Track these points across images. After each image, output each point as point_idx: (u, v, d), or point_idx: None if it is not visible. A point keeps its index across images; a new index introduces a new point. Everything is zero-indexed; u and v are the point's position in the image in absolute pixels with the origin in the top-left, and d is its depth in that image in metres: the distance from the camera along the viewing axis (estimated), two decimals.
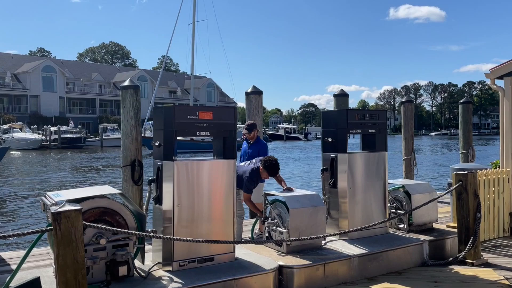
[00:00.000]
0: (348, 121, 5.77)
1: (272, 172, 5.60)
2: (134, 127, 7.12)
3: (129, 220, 4.31)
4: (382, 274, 5.31)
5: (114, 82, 75.37)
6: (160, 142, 4.61)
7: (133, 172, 7.10)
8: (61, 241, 3.16)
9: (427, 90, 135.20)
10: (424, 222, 6.30)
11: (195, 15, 31.52)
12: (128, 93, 7.17)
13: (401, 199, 6.36)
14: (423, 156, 36.94)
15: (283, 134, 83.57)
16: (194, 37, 31.22)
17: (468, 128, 11.56)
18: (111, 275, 4.07)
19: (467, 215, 5.63)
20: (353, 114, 5.89)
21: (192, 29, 31.80)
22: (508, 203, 7.08)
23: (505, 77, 7.17)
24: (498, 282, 4.98)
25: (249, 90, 8.28)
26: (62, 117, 63.31)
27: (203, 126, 4.70)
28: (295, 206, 5.22)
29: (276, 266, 4.75)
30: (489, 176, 6.78)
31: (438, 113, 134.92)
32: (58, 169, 27.41)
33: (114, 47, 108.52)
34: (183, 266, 4.54)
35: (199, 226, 4.68)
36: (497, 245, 6.59)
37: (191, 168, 4.66)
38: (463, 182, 5.67)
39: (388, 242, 5.69)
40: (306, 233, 5.15)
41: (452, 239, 6.03)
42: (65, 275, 3.17)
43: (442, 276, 5.24)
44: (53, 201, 3.93)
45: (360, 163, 5.89)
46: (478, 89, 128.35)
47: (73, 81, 70.77)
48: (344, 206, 5.78)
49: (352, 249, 5.36)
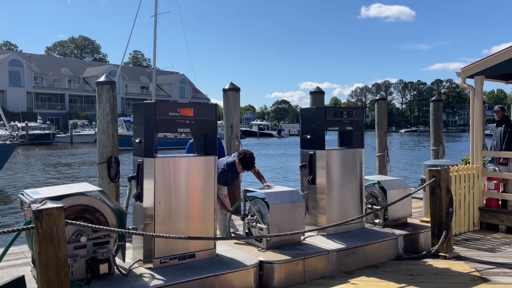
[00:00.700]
0: (327, 118, 5.86)
1: (246, 166, 5.69)
2: (111, 124, 7.03)
3: (109, 217, 4.26)
4: (359, 268, 5.44)
5: (84, 77, 73.84)
6: (140, 139, 4.57)
7: (109, 169, 7.01)
8: (42, 239, 3.11)
9: (397, 88, 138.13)
10: (399, 217, 6.47)
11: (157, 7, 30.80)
12: (104, 89, 7.06)
13: (376, 194, 6.51)
14: (395, 153, 37.75)
15: (256, 130, 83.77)
16: (156, 31, 30.55)
17: (438, 126, 11.88)
18: (92, 273, 4.02)
19: (440, 210, 5.82)
20: (331, 112, 5.98)
21: (154, 21, 31.08)
22: (477, 198, 7.35)
23: (475, 76, 7.42)
24: (469, 274, 5.18)
25: (227, 87, 8.27)
26: (30, 112, 61.62)
27: (184, 123, 4.68)
28: (275, 202, 5.27)
29: (257, 262, 4.79)
30: (460, 172, 7.02)
31: (408, 111, 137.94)
32: (28, 166, 26.67)
33: (83, 41, 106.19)
34: (164, 263, 4.53)
35: (181, 222, 4.67)
36: (467, 238, 6.84)
37: (172, 165, 4.64)
38: (436, 178, 5.86)
39: (365, 237, 5.82)
40: (286, 229, 5.21)
41: (425, 233, 6.22)
42: (47, 273, 3.13)
43: (417, 269, 5.40)
44: (32, 199, 3.85)
45: (338, 160, 5.99)
46: (446, 87, 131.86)
47: (41, 75, 68.93)
48: (323, 202, 5.87)
49: (330, 244, 5.46)
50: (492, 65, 7.15)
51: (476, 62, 7.36)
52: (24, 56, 68.43)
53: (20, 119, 54.51)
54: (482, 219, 7.39)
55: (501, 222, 7.20)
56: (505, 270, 5.30)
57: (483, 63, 7.24)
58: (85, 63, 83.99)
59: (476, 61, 7.38)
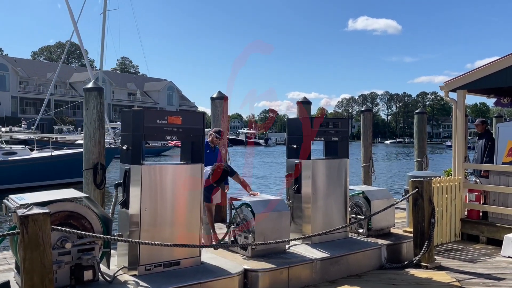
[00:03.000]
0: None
1: (216, 179, 5.61)
2: (98, 130, 7.02)
3: (95, 224, 4.27)
4: (343, 277, 5.50)
5: (71, 82, 73.18)
6: (128, 146, 4.60)
7: (95, 176, 6.99)
8: (28, 245, 3.11)
9: (383, 99, 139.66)
10: (382, 227, 6.57)
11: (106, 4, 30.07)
12: (92, 95, 7.07)
13: (361, 204, 6.60)
14: (380, 163, 38.11)
15: (243, 139, 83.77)
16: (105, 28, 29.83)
17: (422, 137, 12.10)
18: (76, 279, 4.01)
19: (423, 220, 5.93)
20: (317, 122, 6.07)
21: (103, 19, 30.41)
22: (459, 209, 7.49)
23: (458, 90, 7.60)
24: (450, 284, 5.28)
25: (215, 95, 8.34)
26: (14, 117, 60.73)
27: (172, 130, 4.73)
28: (261, 210, 5.33)
29: (242, 270, 4.83)
30: (442, 183, 7.16)
31: (393, 122, 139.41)
32: None
33: (71, 47, 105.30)
34: (149, 271, 4.53)
35: (166, 230, 4.69)
36: (449, 249, 6.96)
37: (159, 172, 4.67)
38: (419, 189, 5.97)
39: (349, 246, 5.89)
40: (271, 237, 5.26)
41: (408, 243, 6.32)
42: (31, 279, 3.12)
43: (399, 278, 5.48)
44: (17, 204, 3.84)
45: (323, 169, 6.07)
46: (431, 99, 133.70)
47: (27, 80, 68.15)
48: (308, 211, 5.94)
49: (315, 253, 5.52)
50: (473, 79, 7.34)
51: (458, 77, 7.54)
52: (9, 60, 67.61)
53: (4, 123, 53.69)
54: (463, 230, 7.53)
55: (481, 233, 7.34)
56: (485, 280, 5.41)
57: (465, 78, 7.42)
58: (72, 68, 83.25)
59: (458, 76, 7.57)
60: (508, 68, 6.91)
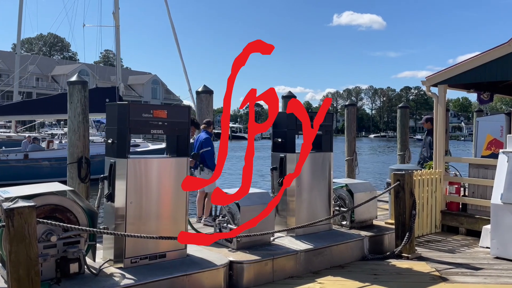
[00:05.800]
0: (297, 122, 6.02)
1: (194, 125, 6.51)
2: (82, 124, 7.01)
3: (80, 217, 4.28)
4: (326, 268, 5.61)
5: (53, 75, 72.11)
6: (113, 139, 4.61)
7: (79, 170, 6.98)
8: (13, 238, 3.13)
9: (367, 93, 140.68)
10: (365, 219, 6.70)
11: None
12: (76, 89, 7.04)
13: (344, 197, 6.72)
14: (363, 157, 38.51)
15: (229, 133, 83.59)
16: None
17: (405, 131, 12.31)
18: (62, 272, 4.03)
19: (404, 212, 6.07)
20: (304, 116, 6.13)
21: None
22: (440, 201, 7.67)
23: (439, 85, 7.76)
24: (430, 274, 5.43)
25: (200, 89, 8.36)
26: None
27: (157, 124, 4.75)
28: (246, 203, 5.39)
29: (227, 262, 4.90)
30: (423, 176, 7.32)
31: (378, 116, 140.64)
32: None
33: (53, 39, 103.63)
34: (135, 263, 4.57)
35: (152, 223, 4.72)
36: (429, 240, 7.13)
37: (144, 165, 4.69)
38: (400, 182, 6.10)
39: (332, 238, 6.00)
40: (256, 229, 5.32)
41: (389, 235, 6.46)
42: (17, 272, 3.14)
43: (381, 269, 5.62)
44: (2, 198, 3.84)
45: (307, 163, 6.15)
46: (414, 94, 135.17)
47: (7, 73, 66.90)
48: (292, 204, 6.03)
49: (299, 244, 5.61)
50: (454, 75, 7.49)
51: (439, 72, 7.69)
52: None
53: None
54: (443, 221, 7.72)
55: (461, 224, 7.53)
56: (463, 270, 5.58)
57: (446, 73, 7.57)
58: (54, 61, 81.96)
59: (439, 71, 7.71)
60: (487, 64, 7.07)
